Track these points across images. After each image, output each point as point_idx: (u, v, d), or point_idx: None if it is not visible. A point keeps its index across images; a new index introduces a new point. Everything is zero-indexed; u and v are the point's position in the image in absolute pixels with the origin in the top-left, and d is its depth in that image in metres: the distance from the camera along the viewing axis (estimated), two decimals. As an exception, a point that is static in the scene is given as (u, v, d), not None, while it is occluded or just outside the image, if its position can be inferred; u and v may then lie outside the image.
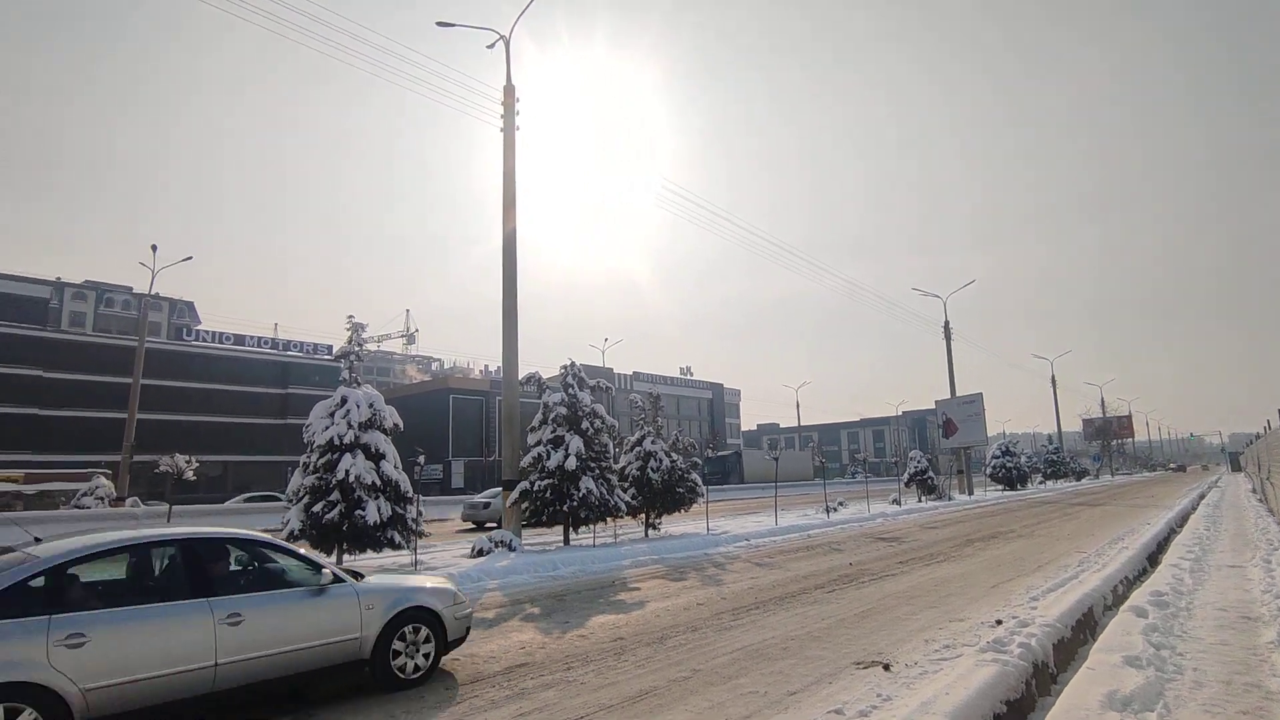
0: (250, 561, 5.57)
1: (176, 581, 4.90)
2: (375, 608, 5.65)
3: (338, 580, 5.58)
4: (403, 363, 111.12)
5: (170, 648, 4.57)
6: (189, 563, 5.00)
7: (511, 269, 17.12)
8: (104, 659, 4.29)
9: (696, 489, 19.46)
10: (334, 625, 5.40)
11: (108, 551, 4.78)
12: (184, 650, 4.61)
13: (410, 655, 5.77)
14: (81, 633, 4.25)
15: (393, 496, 11.54)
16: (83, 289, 79.43)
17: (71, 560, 4.55)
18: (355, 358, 12.21)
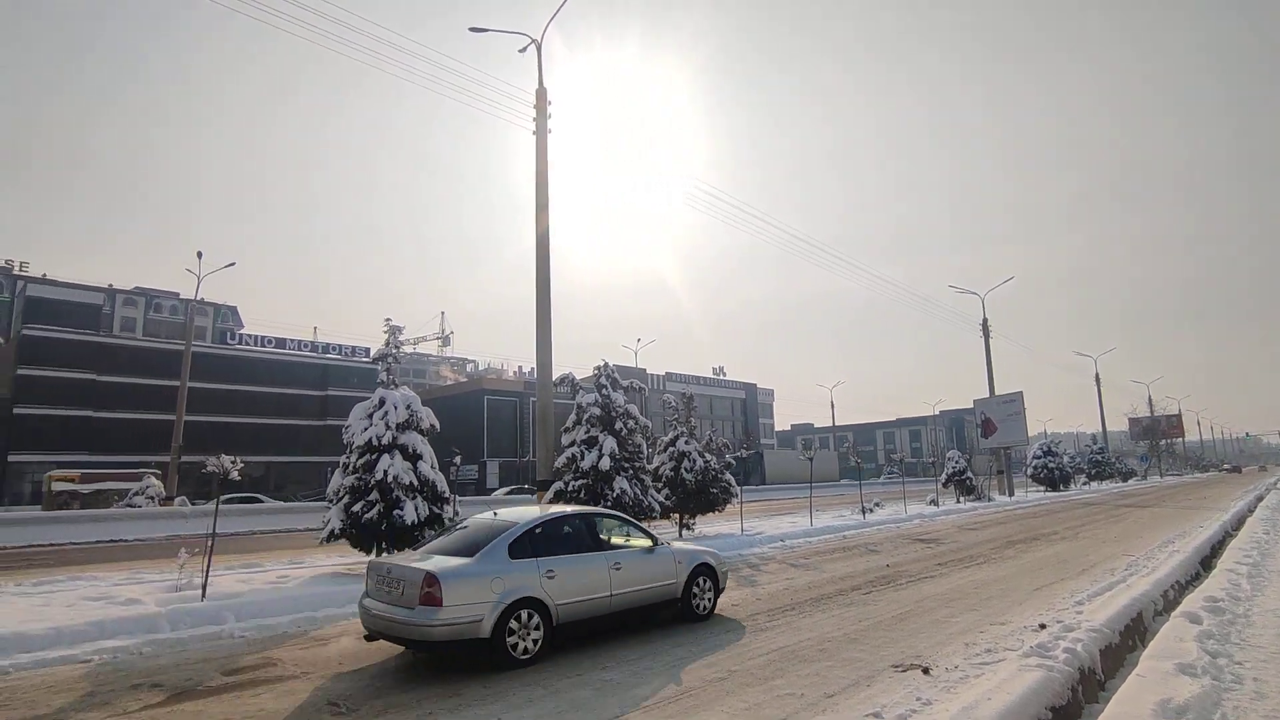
0: (615, 529, 8.35)
1: (584, 541, 7.52)
2: (682, 563, 8.29)
3: (660, 544, 8.27)
4: (438, 364, 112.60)
5: (590, 582, 7.18)
6: (589, 529, 7.72)
7: (545, 270, 17.24)
8: (563, 586, 6.85)
9: (730, 489, 19.38)
10: (663, 574, 8.01)
11: (548, 520, 7.45)
12: (596, 584, 7.22)
13: (702, 597, 8.38)
14: (552, 570, 6.84)
15: (430, 496, 11.70)
16: (132, 295, 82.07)
17: (536, 524, 7.20)
18: (393, 360, 12.42)
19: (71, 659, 6.65)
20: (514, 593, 6.44)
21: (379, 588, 6.63)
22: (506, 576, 6.51)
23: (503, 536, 6.86)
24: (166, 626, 7.71)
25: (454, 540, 7.26)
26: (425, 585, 6.07)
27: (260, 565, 13.01)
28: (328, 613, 8.79)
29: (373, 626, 6.53)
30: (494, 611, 6.25)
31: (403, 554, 7.84)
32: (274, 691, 5.67)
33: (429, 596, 6.04)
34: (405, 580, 6.30)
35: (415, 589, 6.12)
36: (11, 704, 5.42)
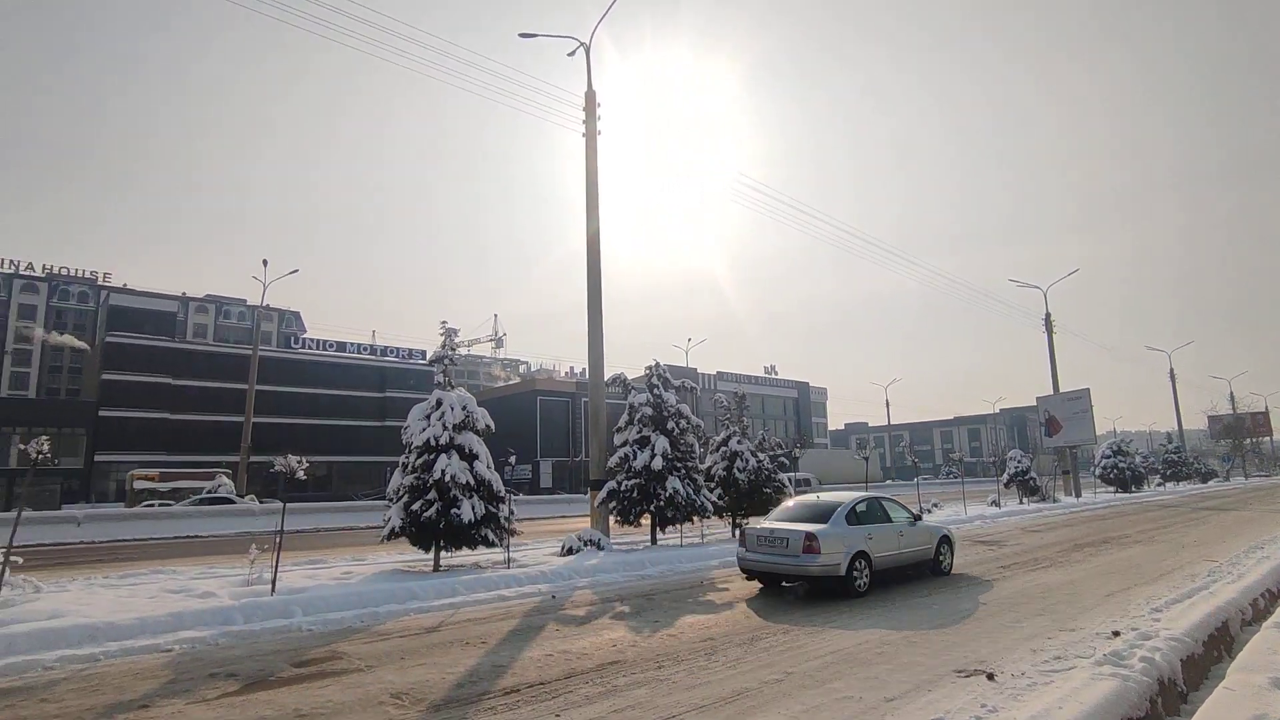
0: (895, 508, 11.50)
1: (880, 515, 10.92)
2: (934, 533, 11.76)
3: (918, 518, 11.71)
4: (491, 366, 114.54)
5: (890, 543, 10.61)
6: (881, 508, 11.11)
7: (596, 271, 17.37)
8: (877, 545, 10.23)
9: (784, 489, 19.16)
10: (924, 541, 11.48)
11: (860, 499, 10.88)
12: (892, 544, 10.66)
13: (945, 558, 11.77)
14: (870, 534, 10.23)
15: (486, 496, 11.91)
16: (204, 302, 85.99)
17: (857, 502, 10.67)
18: (449, 362, 12.68)
19: (155, 648, 7.01)
20: (854, 547, 9.80)
21: (761, 544, 10.18)
22: (848, 536, 9.88)
23: (840, 510, 10.28)
24: (240, 619, 8.05)
25: (797, 512, 10.77)
26: (807, 540, 9.53)
27: (325, 561, 13.47)
28: (389, 608, 9.04)
29: (755, 568, 10.34)
30: (845, 558, 9.61)
31: (757, 521, 12.28)
32: (340, 684, 5.85)
33: (810, 547, 9.50)
34: (790, 537, 9.73)
35: (800, 543, 9.56)
36: (102, 689, 5.75)
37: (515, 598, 10.09)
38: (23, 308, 77.75)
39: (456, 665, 6.42)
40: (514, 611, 9.16)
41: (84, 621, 7.34)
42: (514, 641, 7.39)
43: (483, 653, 6.89)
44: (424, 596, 9.64)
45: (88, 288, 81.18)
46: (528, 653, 6.85)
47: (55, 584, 10.11)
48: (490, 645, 7.21)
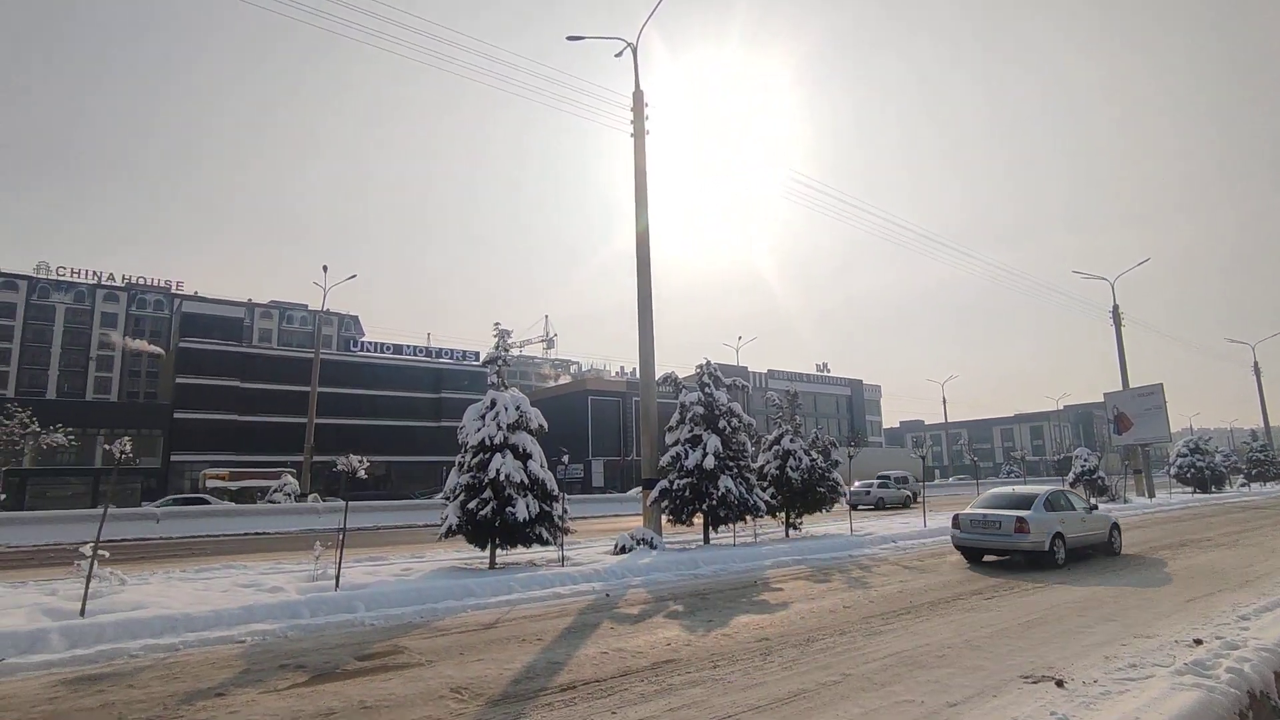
0: (1075, 498, 14.16)
1: (1066, 503, 13.50)
2: (1105, 520, 14.19)
3: (1095, 508, 14.32)
4: (542, 366, 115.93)
5: (1076, 526, 13.19)
6: (1064, 497, 13.76)
7: (645, 270, 17.40)
8: (1067, 527, 12.83)
9: (838, 488, 18.86)
10: (1100, 526, 13.95)
11: (1051, 491, 13.82)
12: (1078, 528, 13.22)
13: (1115, 540, 14.18)
14: (1063, 519, 12.83)
15: (540, 494, 12.06)
16: (269, 308, 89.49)
17: (1050, 493, 13.52)
18: (502, 363, 12.88)
19: (229, 639, 7.33)
20: (1053, 528, 12.44)
21: (974, 526, 13.06)
22: (1047, 520, 12.49)
23: (1040, 498, 13.07)
24: (306, 613, 8.34)
25: (998, 501, 13.64)
26: (1019, 523, 12.30)
27: (385, 559, 13.86)
28: (447, 605, 9.23)
29: (968, 545, 13.23)
30: (1048, 537, 12.28)
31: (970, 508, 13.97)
32: (402, 677, 6.01)
33: (1021, 528, 12.26)
34: (1003, 520, 12.54)
35: (1012, 524, 12.35)
36: (182, 677, 6.04)
37: (570, 595, 10.19)
38: (105, 316, 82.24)
39: (513, 661, 6.52)
40: (569, 609, 9.25)
41: (164, 613, 7.72)
42: (569, 639, 7.47)
43: (539, 649, 6.98)
44: (481, 594, 9.82)
45: (162, 296, 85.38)
46: (583, 650, 6.91)
47: (138, 577, 10.66)
48: (546, 642, 7.30)
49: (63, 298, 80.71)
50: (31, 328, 78.60)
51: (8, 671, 6.15)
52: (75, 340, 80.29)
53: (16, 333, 77.44)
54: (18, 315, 78.00)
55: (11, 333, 77.13)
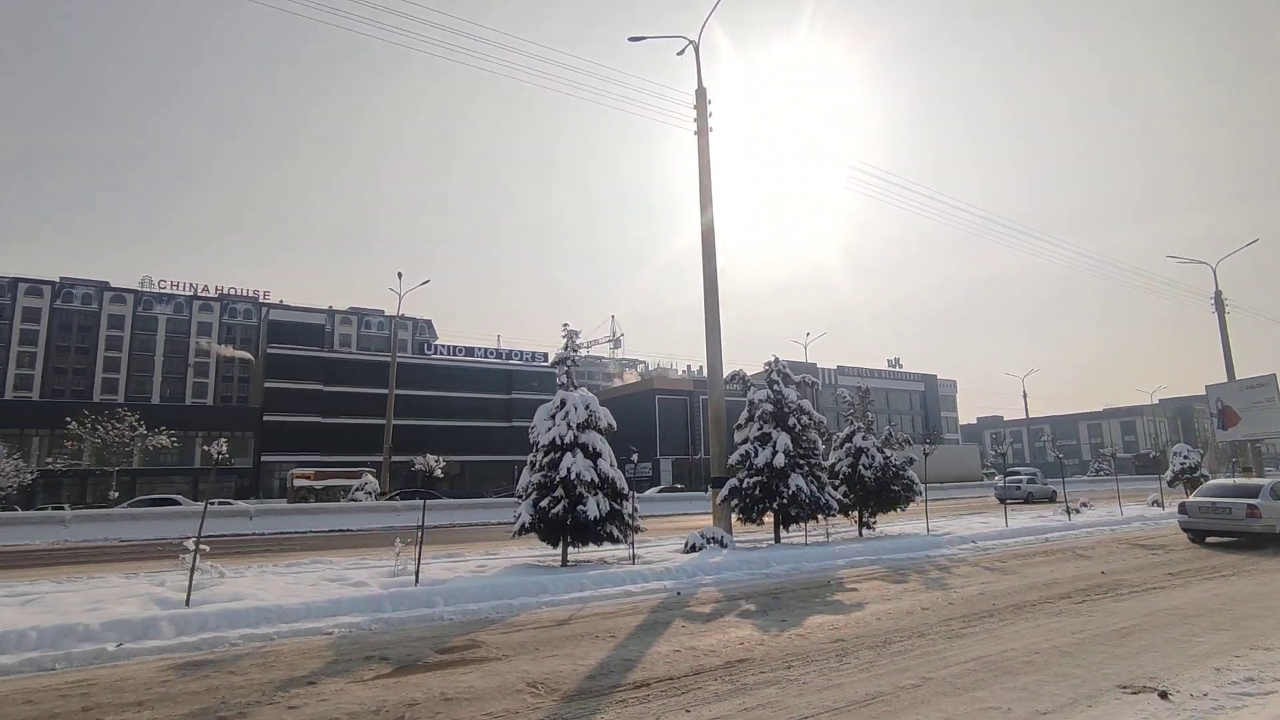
0: None
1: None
2: None
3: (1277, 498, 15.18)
4: (610, 366, 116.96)
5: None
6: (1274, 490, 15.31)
7: (712, 268, 17.33)
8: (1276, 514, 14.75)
9: (914, 486, 18.33)
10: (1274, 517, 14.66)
11: (1275, 481, 15.72)
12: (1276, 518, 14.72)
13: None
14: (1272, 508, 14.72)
15: (610, 493, 12.18)
16: (347, 314, 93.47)
17: (1275, 483, 15.49)
18: (571, 363, 13.07)
19: (318, 631, 7.70)
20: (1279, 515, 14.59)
21: (1203, 513, 15.33)
22: (1275, 506, 14.56)
23: (1265, 488, 15.05)
24: (389, 607, 8.67)
25: (1223, 491, 15.80)
26: (1250, 509, 14.49)
27: (461, 555, 14.27)
28: (522, 601, 9.43)
29: (1201, 529, 15.52)
30: (1278, 521, 14.35)
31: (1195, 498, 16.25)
32: (480, 671, 6.17)
33: (1253, 514, 14.41)
34: (1234, 507, 14.72)
35: (1243, 510, 14.52)
36: (277, 665, 6.38)
37: (641, 593, 10.25)
38: (201, 325, 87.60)
39: (588, 658, 6.60)
40: (640, 607, 9.30)
41: (259, 604, 8.17)
42: (642, 636, 7.51)
43: (612, 646, 7.04)
44: (554, 590, 9.99)
45: (251, 305, 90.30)
46: (656, 648, 6.94)
47: (234, 570, 11.30)
48: (619, 639, 7.36)
49: (164, 309, 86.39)
50: (138, 338, 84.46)
51: (125, 656, 6.64)
52: (175, 348, 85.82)
53: (125, 343, 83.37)
54: (126, 326, 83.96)
55: (121, 343, 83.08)
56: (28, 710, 5.15)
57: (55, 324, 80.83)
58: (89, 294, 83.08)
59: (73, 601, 8.53)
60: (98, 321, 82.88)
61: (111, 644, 6.82)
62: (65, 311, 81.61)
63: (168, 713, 5.07)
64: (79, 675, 6.10)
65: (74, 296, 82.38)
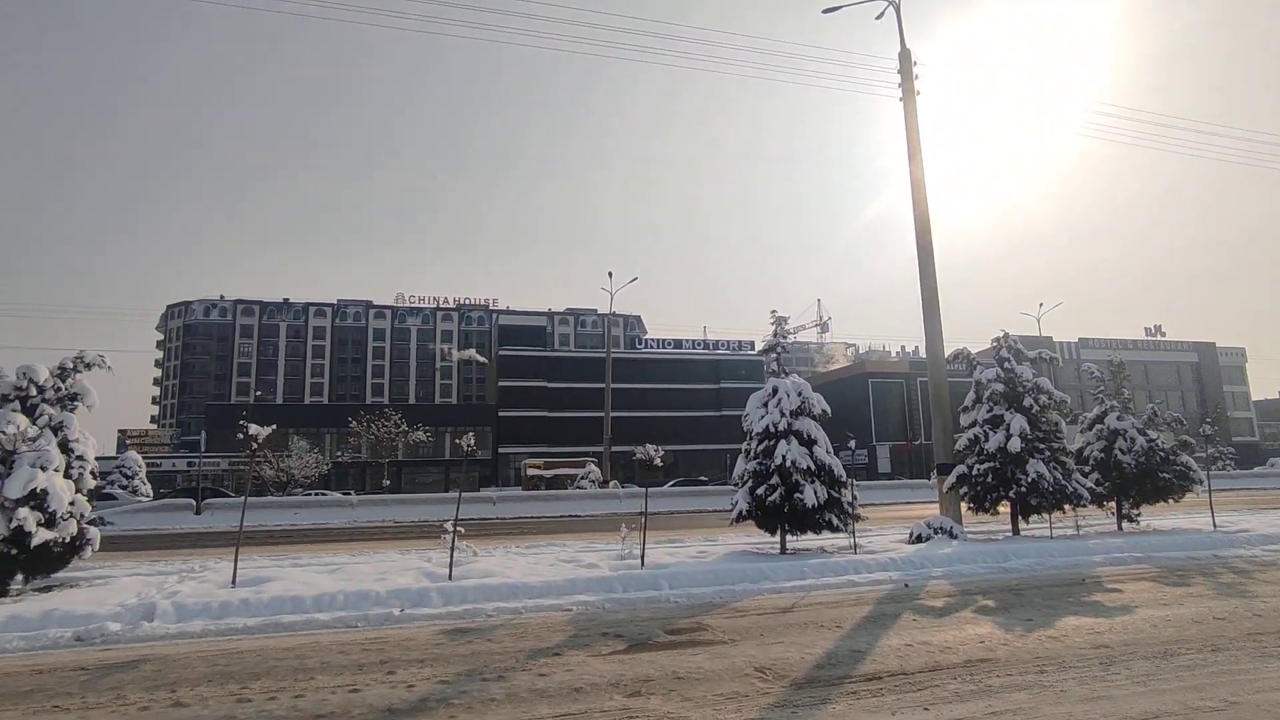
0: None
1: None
2: None
3: None
4: (818, 351, 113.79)
5: None
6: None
7: (926, 242, 16.18)
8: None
9: (1190, 474, 15.68)
10: None
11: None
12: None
13: None
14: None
15: (827, 480, 11.88)
16: (565, 315, 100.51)
17: None
18: (781, 349, 12.93)
19: (558, 607, 8.41)
20: None
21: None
22: None
23: None
24: (619, 588, 9.23)
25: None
26: None
27: (681, 541, 14.74)
28: (743, 587, 9.55)
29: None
30: None
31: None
32: (708, 653, 6.36)
33: None
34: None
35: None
36: (526, 636, 7.09)
37: (865, 584, 9.90)
38: (443, 333, 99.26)
39: (814, 646, 6.52)
40: (865, 598, 8.99)
41: (508, 581, 9.12)
42: (869, 628, 7.26)
43: (838, 636, 6.89)
44: (775, 578, 9.98)
45: (483, 312, 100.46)
46: (885, 641, 6.67)
47: (484, 550, 12.71)
48: (845, 630, 7.18)
49: (414, 321, 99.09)
50: (395, 347, 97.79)
51: (406, 620, 7.78)
52: (424, 354, 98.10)
53: (386, 352, 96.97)
54: (386, 338, 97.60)
55: (383, 352, 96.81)
56: (342, 659, 6.23)
57: (335, 339, 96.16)
58: (358, 312, 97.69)
59: (364, 572, 10.15)
60: (365, 335, 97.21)
61: (396, 609, 8.02)
62: (342, 328, 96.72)
63: (444, 670, 5.85)
64: (375, 634, 7.26)
65: (347, 315, 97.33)
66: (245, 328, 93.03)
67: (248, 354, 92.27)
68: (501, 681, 5.52)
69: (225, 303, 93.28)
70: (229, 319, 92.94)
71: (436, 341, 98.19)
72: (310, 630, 7.41)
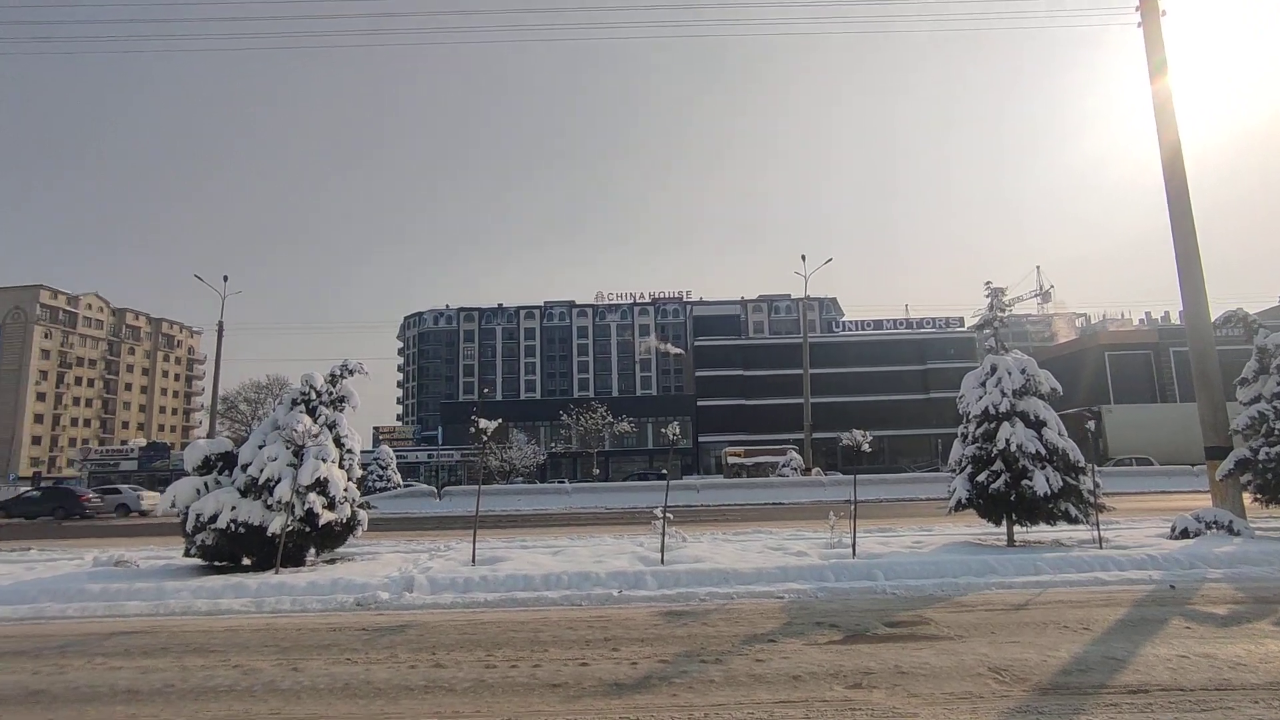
0: None
1: None
2: None
3: None
4: (1039, 324, 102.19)
5: None
6: None
7: (1178, 184, 13.84)
8: None
9: None
10: None
11: None
12: None
13: None
14: None
15: (1061, 466, 10.64)
16: (758, 302, 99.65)
17: None
18: (999, 324, 11.79)
19: (769, 594, 8.39)
20: None
21: None
22: None
23: None
24: (831, 577, 9.00)
25: None
26: None
27: (893, 530, 14.02)
28: (967, 580, 8.86)
29: None
30: None
31: None
32: (933, 648, 5.99)
33: None
34: None
35: None
36: (739, 621, 7.15)
37: (1116, 583, 8.74)
38: (640, 327, 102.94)
39: (1057, 649, 5.88)
40: (1117, 599, 7.94)
41: (718, 567, 9.27)
42: (1125, 633, 6.40)
43: (1087, 640, 6.15)
44: (1003, 572, 9.15)
45: (677, 305, 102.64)
46: (1149, 649, 5.84)
47: (691, 537, 12.99)
48: (1095, 634, 6.39)
49: (613, 317, 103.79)
50: (597, 343, 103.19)
51: (624, 600, 8.21)
52: (624, 349, 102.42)
53: (589, 348, 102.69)
54: (589, 334, 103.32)
55: (587, 349, 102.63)
56: (570, 634, 6.73)
57: (544, 338, 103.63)
58: (563, 312, 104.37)
59: (583, 555, 10.85)
60: (570, 333, 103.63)
61: (615, 590, 8.49)
62: (549, 328, 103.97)
63: (663, 650, 6.09)
64: (597, 612, 7.74)
65: (553, 315, 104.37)
66: (468, 332, 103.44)
67: (470, 356, 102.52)
68: (719, 664, 5.62)
69: (450, 311, 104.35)
70: (454, 325, 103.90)
71: (635, 335, 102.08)
72: (540, 607, 8.08)
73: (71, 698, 5.22)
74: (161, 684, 5.46)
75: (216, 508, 10.13)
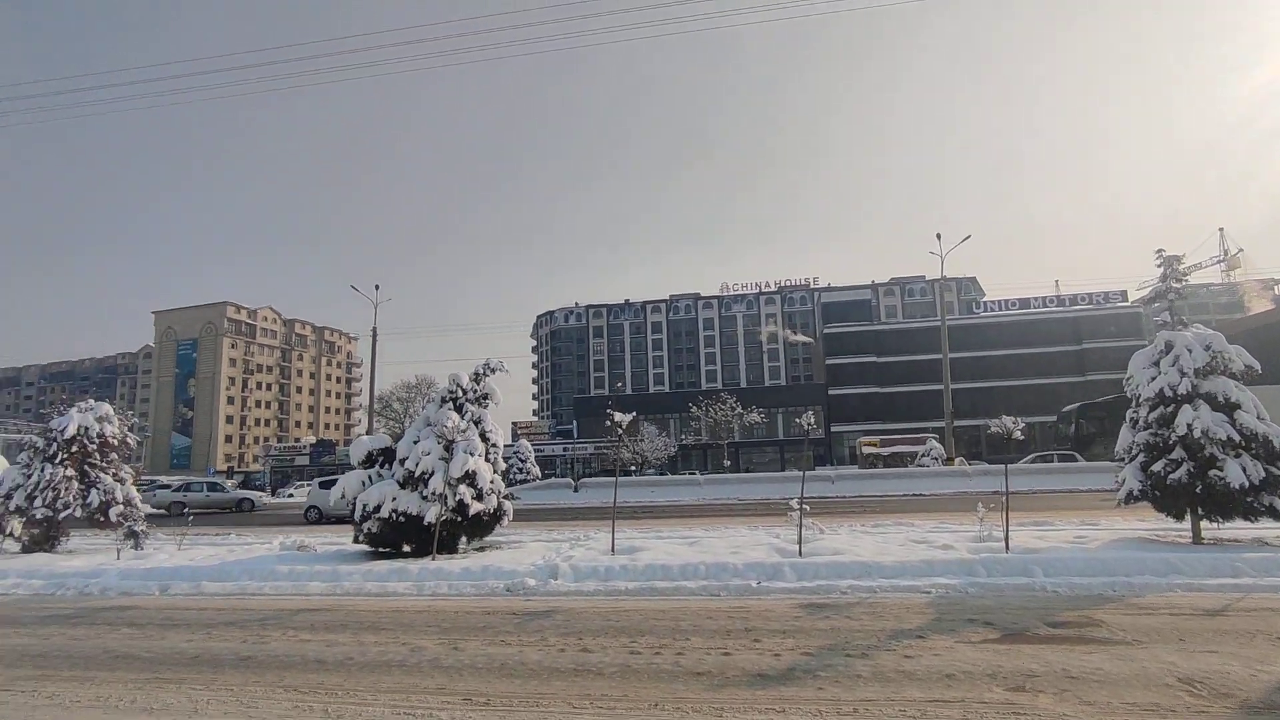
0: None
1: None
2: None
3: None
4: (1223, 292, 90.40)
5: None
6: None
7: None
8: None
9: None
10: None
11: None
12: None
13: None
14: None
15: (1261, 454, 9.38)
16: (890, 286, 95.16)
17: None
18: (1175, 296, 10.54)
19: (914, 589, 8.01)
20: None
21: None
22: None
23: None
24: (982, 571, 8.47)
25: None
26: None
27: (1050, 523, 12.99)
28: (1144, 580, 8.04)
29: None
30: None
31: None
32: (1107, 653, 5.49)
33: None
34: None
35: None
36: (884, 616, 6.89)
37: (1338, 589, 7.61)
38: (767, 316, 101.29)
39: (1266, 662, 5.21)
40: (1340, 606, 6.91)
41: (858, 560, 8.97)
42: (1354, 646, 5.56)
43: (1301, 652, 5.41)
44: (1190, 572, 8.22)
45: (805, 292, 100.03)
46: (1385, 664, 5.05)
47: (828, 529, 12.63)
48: (1312, 645, 5.60)
49: (739, 308, 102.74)
50: (724, 334, 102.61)
51: (763, 592, 8.13)
52: (751, 339, 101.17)
53: (716, 339, 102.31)
54: (715, 326, 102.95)
55: (714, 340, 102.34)
56: (710, 624, 6.76)
57: (671, 331, 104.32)
58: (689, 305, 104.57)
59: (718, 546, 10.85)
60: (696, 326, 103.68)
61: (753, 581, 8.43)
62: (675, 321, 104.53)
63: (805, 643, 5.99)
64: (736, 603, 7.73)
65: (679, 308, 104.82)
66: (596, 329, 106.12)
67: (600, 351, 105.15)
68: (866, 659, 5.45)
69: (580, 308, 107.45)
70: (583, 322, 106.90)
71: (762, 325, 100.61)
72: (679, 596, 8.17)
73: (272, 665, 5.90)
74: (343, 656, 6.05)
75: (380, 498, 11.05)
